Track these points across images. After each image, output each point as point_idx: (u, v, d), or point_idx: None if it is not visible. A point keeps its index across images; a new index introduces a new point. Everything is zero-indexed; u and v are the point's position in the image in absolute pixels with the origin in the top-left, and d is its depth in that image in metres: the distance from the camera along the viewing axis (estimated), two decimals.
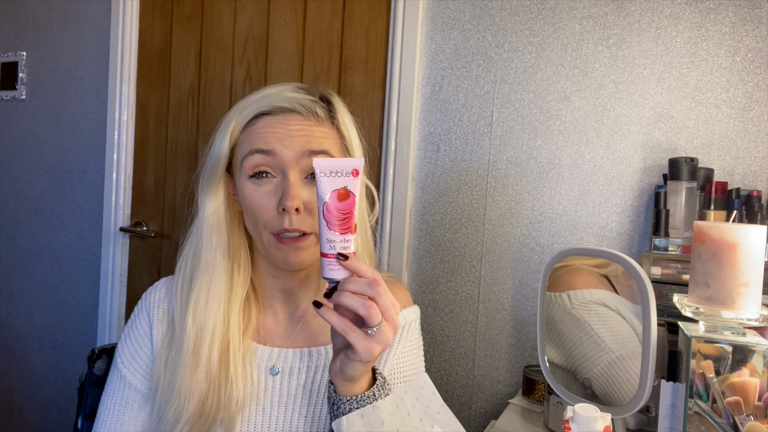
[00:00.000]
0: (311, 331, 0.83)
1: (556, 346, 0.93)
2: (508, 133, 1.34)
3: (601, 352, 0.86)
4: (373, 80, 1.51)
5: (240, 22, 1.71)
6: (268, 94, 0.78)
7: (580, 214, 1.27)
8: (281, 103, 0.76)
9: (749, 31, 1.13)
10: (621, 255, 0.81)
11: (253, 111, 0.76)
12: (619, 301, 0.86)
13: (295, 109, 0.75)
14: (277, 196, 0.73)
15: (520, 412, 1.12)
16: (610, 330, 0.87)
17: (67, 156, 2.03)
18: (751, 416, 0.66)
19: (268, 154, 0.73)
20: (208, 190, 0.78)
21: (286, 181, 0.73)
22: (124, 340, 0.83)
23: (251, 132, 0.76)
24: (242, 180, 0.76)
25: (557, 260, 0.91)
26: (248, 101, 0.78)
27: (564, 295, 0.91)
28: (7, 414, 2.20)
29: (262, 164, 0.74)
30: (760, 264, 0.70)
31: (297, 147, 0.73)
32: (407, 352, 0.86)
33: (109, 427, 0.79)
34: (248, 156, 0.74)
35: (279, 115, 0.75)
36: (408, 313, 0.88)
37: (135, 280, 1.92)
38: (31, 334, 2.14)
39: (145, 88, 1.89)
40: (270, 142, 0.73)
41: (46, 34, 2.08)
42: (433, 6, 1.42)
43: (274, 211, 0.74)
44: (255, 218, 0.75)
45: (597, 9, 1.25)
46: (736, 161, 1.13)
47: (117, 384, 0.81)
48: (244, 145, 0.76)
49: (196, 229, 0.80)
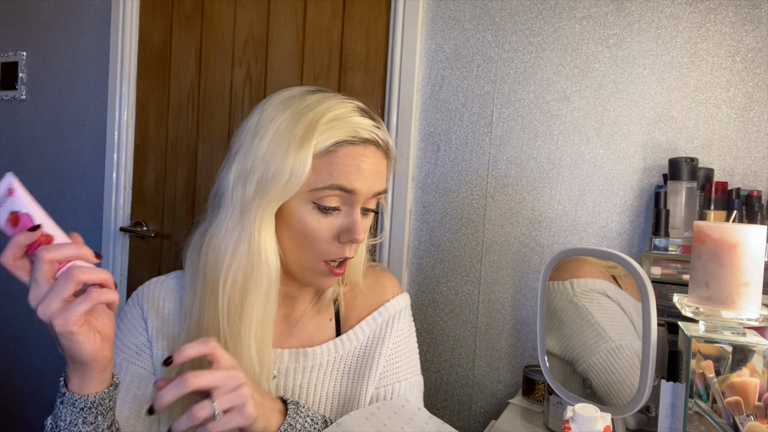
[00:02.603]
0: (306, 332, 0.84)
1: (556, 335, 0.93)
2: (508, 133, 1.34)
3: (600, 340, 0.86)
4: (373, 80, 1.51)
5: (240, 22, 1.71)
6: (344, 116, 0.72)
7: (580, 214, 1.27)
8: (364, 133, 0.72)
9: (749, 31, 1.13)
10: (621, 255, 0.81)
11: (334, 138, 0.70)
12: (620, 294, 0.86)
13: (374, 141, 0.73)
14: (340, 227, 0.73)
15: (520, 412, 1.12)
16: (611, 319, 0.87)
17: (67, 156, 2.03)
18: (751, 416, 0.66)
19: (349, 192, 0.72)
20: (270, 207, 0.71)
21: (353, 215, 0.73)
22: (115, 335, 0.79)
23: (331, 161, 0.71)
24: (303, 205, 0.72)
25: (557, 260, 0.91)
26: (324, 116, 0.71)
27: (567, 283, 0.91)
28: (7, 414, 2.20)
29: (338, 201, 0.72)
30: (760, 264, 0.70)
31: (371, 187, 0.73)
32: (400, 342, 0.86)
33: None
34: (326, 190, 0.71)
35: (359, 146, 0.72)
36: (397, 301, 0.88)
37: (135, 280, 1.92)
38: (31, 334, 2.14)
39: (145, 88, 1.89)
40: (353, 180, 0.71)
41: (46, 34, 2.08)
42: (433, 6, 1.42)
43: (334, 241, 0.73)
44: (309, 245, 0.73)
45: (597, 9, 1.25)
46: (736, 161, 1.13)
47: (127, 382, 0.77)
48: (322, 174, 0.70)
49: (246, 244, 0.71)
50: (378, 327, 0.86)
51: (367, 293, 0.88)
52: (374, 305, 0.87)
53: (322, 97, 0.74)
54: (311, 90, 0.76)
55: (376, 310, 0.86)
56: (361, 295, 0.87)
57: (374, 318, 0.86)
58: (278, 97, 0.75)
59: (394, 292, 0.89)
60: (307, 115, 0.71)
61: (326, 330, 0.85)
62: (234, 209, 0.72)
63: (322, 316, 0.85)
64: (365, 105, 0.76)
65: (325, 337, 0.84)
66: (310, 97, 0.74)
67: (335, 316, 0.86)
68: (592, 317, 0.88)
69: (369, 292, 0.88)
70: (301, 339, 0.83)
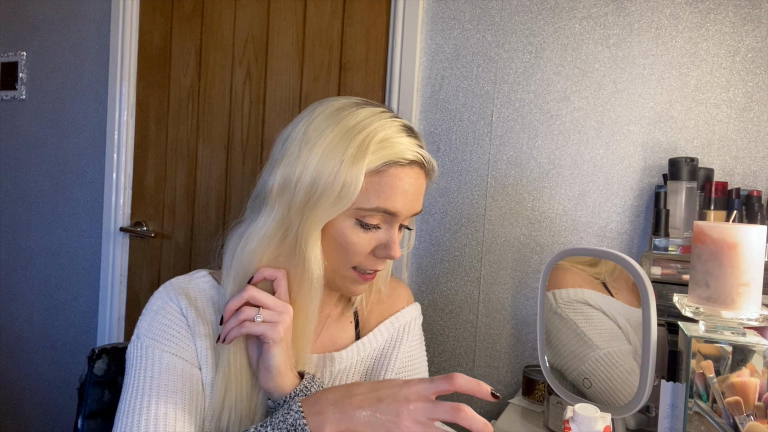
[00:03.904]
0: (330, 334, 0.85)
1: (546, 345, 0.93)
2: (508, 133, 1.34)
3: (588, 350, 0.87)
4: (373, 80, 1.51)
5: (240, 22, 1.71)
6: (395, 137, 0.72)
7: (580, 214, 1.27)
8: (410, 155, 0.73)
9: (749, 31, 1.13)
10: (621, 255, 0.81)
11: (385, 159, 0.71)
12: (603, 301, 0.87)
13: (420, 163, 0.74)
14: (378, 242, 0.75)
15: (520, 412, 1.12)
16: (596, 328, 0.87)
17: (67, 156, 2.03)
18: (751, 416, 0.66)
19: (392, 215, 0.73)
20: (319, 221, 0.71)
21: (392, 233, 0.75)
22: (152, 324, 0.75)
23: (380, 182, 0.71)
24: (345, 219, 0.72)
25: (557, 260, 0.91)
26: (376, 135, 0.71)
27: (549, 294, 0.92)
28: (7, 414, 2.20)
29: (379, 219, 0.73)
30: (760, 264, 0.70)
31: (413, 208, 0.75)
32: (412, 350, 0.90)
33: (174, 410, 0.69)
34: (371, 211, 0.72)
35: (406, 167, 0.73)
36: (409, 311, 0.92)
37: (135, 280, 1.92)
38: (31, 334, 2.14)
39: (145, 88, 1.89)
40: (397, 202, 0.72)
41: (46, 34, 2.08)
42: (433, 6, 1.42)
43: (370, 255, 0.75)
44: (346, 257, 0.74)
45: (597, 9, 1.25)
46: (736, 161, 1.13)
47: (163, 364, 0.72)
48: (371, 194, 0.71)
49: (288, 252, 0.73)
50: (395, 331, 0.89)
51: (385, 300, 0.91)
52: (390, 311, 0.91)
53: (371, 111, 0.74)
54: (359, 103, 0.75)
55: (393, 315, 0.90)
56: (380, 301, 0.91)
57: (391, 322, 0.89)
58: (326, 108, 0.74)
59: (408, 300, 0.94)
60: (359, 134, 0.71)
61: (347, 332, 0.87)
62: (276, 216, 0.72)
63: (344, 318, 0.88)
64: (408, 122, 0.78)
65: (345, 340, 0.86)
66: (359, 112, 0.73)
67: (354, 319, 0.89)
68: (577, 327, 0.89)
69: (386, 299, 0.91)
70: (325, 342, 0.84)
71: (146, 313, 0.76)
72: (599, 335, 0.87)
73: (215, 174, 1.77)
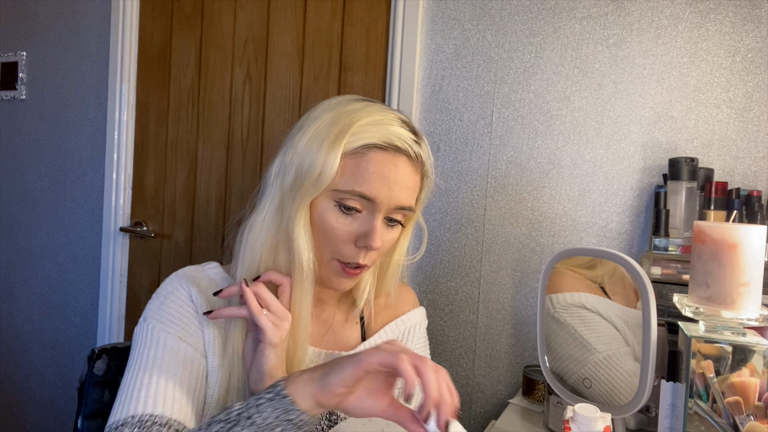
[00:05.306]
0: (338, 334, 0.86)
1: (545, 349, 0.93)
2: (508, 133, 1.34)
3: (587, 353, 0.87)
4: (373, 80, 1.51)
5: (240, 22, 1.71)
6: (381, 122, 0.72)
7: (580, 214, 1.27)
8: (397, 141, 0.72)
9: (749, 31, 1.13)
10: (621, 255, 0.81)
11: (366, 140, 0.71)
12: (600, 304, 0.87)
13: (407, 153, 0.73)
14: (358, 231, 0.73)
15: (520, 412, 1.12)
16: (594, 331, 0.87)
17: (67, 156, 2.03)
18: (751, 416, 0.66)
19: (369, 200, 0.71)
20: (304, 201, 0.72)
21: (373, 222, 0.72)
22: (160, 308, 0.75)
23: (359, 165, 0.71)
24: (326, 202, 0.72)
25: (557, 260, 0.91)
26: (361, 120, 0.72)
27: (547, 299, 0.92)
28: (7, 414, 2.20)
29: (359, 204, 0.72)
30: (760, 264, 0.70)
31: (395, 198, 0.72)
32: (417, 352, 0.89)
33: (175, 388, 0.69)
34: (347, 194, 0.71)
35: (389, 153, 0.72)
36: (414, 314, 0.93)
37: (135, 280, 1.92)
38: (31, 334, 2.14)
39: (145, 88, 1.89)
40: (375, 189, 0.71)
41: (46, 34, 2.08)
42: (433, 6, 1.42)
43: (351, 243, 0.73)
44: (328, 242, 0.73)
45: (597, 9, 1.25)
46: (736, 161, 1.13)
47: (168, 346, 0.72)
48: (347, 176, 0.71)
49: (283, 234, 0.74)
50: (401, 333, 0.90)
51: (392, 303, 0.92)
52: (396, 314, 0.91)
53: (368, 104, 0.75)
54: (360, 98, 0.77)
55: (399, 318, 0.91)
56: (386, 304, 0.91)
57: (397, 324, 0.90)
58: (328, 102, 0.77)
59: (414, 303, 0.94)
60: (346, 117, 0.72)
61: (354, 333, 0.87)
62: (273, 200, 0.74)
63: (351, 319, 0.88)
64: (409, 119, 0.77)
65: (352, 340, 0.86)
66: (357, 103, 0.75)
67: (360, 320, 0.89)
68: (575, 331, 0.89)
69: (393, 302, 0.92)
70: (331, 342, 0.85)
71: (155, 297, 0.77)
72: (598, 338, 0.87)
73: (215, 174, 1.77)
